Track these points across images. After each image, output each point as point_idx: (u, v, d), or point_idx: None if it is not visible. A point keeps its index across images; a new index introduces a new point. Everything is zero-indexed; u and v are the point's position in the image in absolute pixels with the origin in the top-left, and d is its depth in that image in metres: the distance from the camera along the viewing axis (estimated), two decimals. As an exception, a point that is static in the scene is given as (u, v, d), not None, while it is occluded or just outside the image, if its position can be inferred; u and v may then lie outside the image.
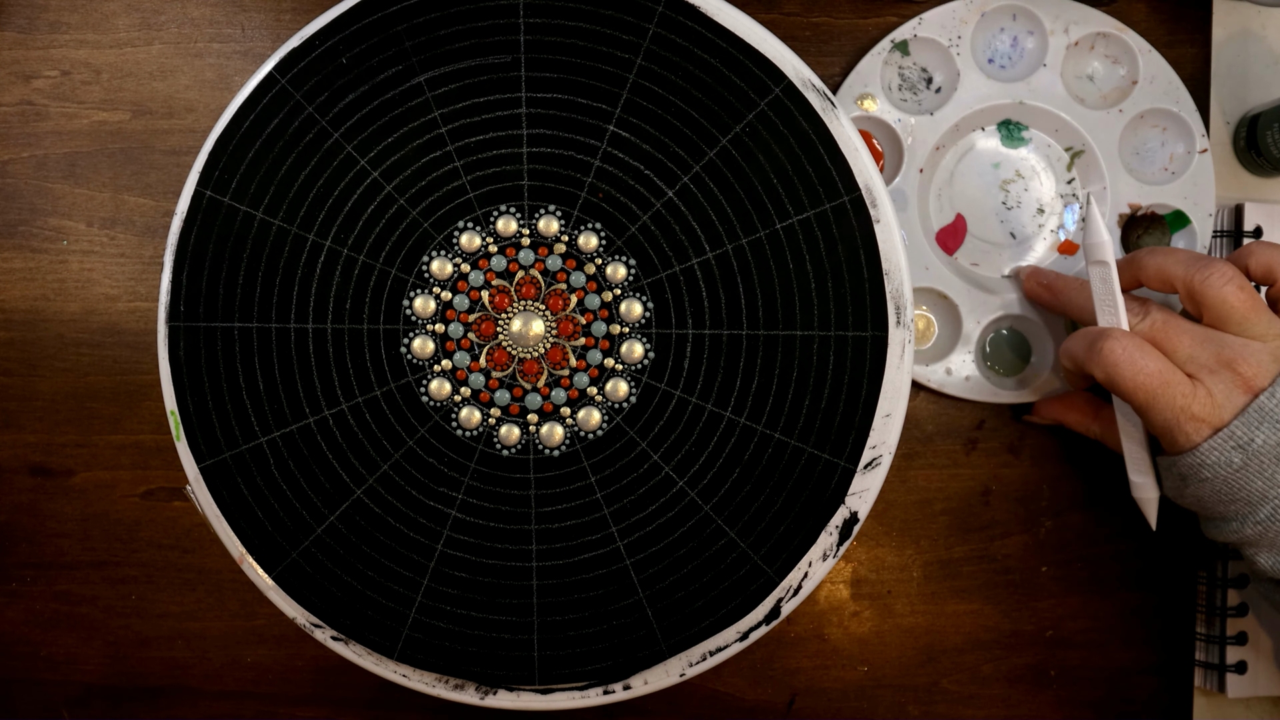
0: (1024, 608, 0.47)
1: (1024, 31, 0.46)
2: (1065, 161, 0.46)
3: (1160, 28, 0.47)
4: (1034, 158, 0.46)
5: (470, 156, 0.39)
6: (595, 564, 0.39)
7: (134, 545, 0.46)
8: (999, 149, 0.46)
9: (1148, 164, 0.47)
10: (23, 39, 0.46)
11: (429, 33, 0.39)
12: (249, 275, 0.39)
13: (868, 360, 0.39)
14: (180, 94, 0.46)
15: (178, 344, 0.39)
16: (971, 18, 0.45)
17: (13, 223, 0.46)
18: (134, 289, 0.46)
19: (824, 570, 0.39)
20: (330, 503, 0.39)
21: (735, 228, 0.39)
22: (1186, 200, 0.46)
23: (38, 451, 0.46)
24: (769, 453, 0.39)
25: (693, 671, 0.39)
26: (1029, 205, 0.46)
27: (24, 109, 0.46)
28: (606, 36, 0.39)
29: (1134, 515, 0.47)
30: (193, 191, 0.39)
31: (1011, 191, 0.46)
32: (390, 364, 0.39)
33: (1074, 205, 0.46)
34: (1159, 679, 0.47)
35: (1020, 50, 0.46)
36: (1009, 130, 0.46)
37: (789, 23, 0.46)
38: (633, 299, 0.39)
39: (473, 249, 0.39)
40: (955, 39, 0.45)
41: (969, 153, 0.46)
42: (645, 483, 0.39)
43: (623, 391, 0.39)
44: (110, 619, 0.47)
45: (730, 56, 0.39)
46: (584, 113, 0.39)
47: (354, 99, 0.39)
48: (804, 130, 0.39)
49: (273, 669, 0.47)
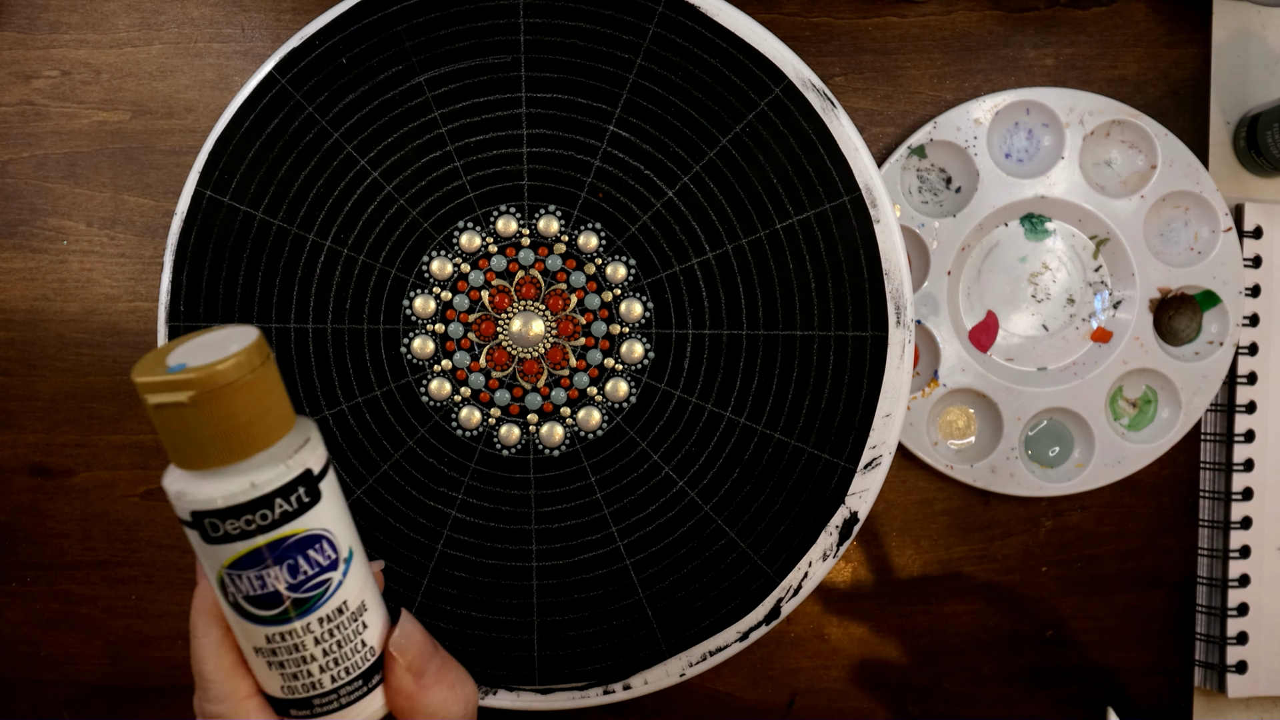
0: (1024, 608, 0.47)
1: (1039, 125, 0.46)
2: (1091, 250, 0.46)
3: (1160, 28, 0.47)
4: (1060, 248, 0.46)
5: (470, 156, 0.39)
6: (595, 564, 0.39)
7: (134, 545, 0.46)
8: (1024, 242, 0.46)
9: (1173, 245, 0.47)
10: (23, 39, 0.46)
11: (429, 33, 0.39)
12: (249, 275, 0.39)
13: (868, 360, 0.39)
14: (180, 94, 0.46)
15: (178, 344, 0.39)
16: (986, 116, 0.45)
17: (13, 223, 0.46)
18: (134, 289, 0.46)
19: (824, 570, 0.39)
20: (330, 503, 0.39)
21: (735, 228, 0.39)
22: (1215, 279, 0.46)
23: (38, 451, 0.46)
24: (769, 453, 0.39)
25: (693, 671, 0.39)
26: (1059, 296, 0.46)
27: (24, 109, 0.46)
28: (606, 36, 0.39)
29: (1134, 515, 0.47)
30: (193, 191, 0.39)
31: (1040, 284, 0.46)
32: (390, 364, 0.39)
33: (1104, 292, 0.46)
34: (1159, 679, 0.47)
35: (1037, 144, 0.46)
36: (1032, 224, 0.46)
37: (789, 23, 0.46)
38: (633, 299, 0.39)
39: (473, 249, 0.39)
40: (971, 139, 0.45)
41: (994, 249, 0.46)
42: (645, 483, 0.39)
43: (623, 391, 0.39)
44: (110, 619, 0.47)
45: (730, 56, 0.39)
46: (584, 113, 0.39)
47: (354, 99, 0.39)
48: (804, 130, 0.39)
49: (273, 669, 0.47)
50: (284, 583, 0.26)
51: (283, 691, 0.28)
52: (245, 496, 0.25)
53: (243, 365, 0.24)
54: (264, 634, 0.27)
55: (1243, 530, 0.47)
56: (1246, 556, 0.47)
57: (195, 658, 0.29)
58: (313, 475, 0.26)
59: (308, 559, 0.26)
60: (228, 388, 0.24)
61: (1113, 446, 0.46)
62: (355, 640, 0.28)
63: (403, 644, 0.29)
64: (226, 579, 0.26)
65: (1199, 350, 0.46)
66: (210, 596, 0.28)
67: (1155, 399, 0.47)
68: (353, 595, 0.28)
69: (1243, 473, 0.47)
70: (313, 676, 0.28)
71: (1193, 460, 0.47)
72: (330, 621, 0.27)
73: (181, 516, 0.26)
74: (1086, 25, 0.47)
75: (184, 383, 0.24)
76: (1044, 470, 0.46)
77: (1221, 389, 0.47)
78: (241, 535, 0.25)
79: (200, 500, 0.25)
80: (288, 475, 0.25)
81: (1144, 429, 0.47)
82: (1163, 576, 0.47)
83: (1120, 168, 0.47)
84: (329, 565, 0.27)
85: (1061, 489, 0.46)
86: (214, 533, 0.25)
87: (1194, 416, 0.46)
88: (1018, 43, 0.46)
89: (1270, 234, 0.47)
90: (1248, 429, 0.47)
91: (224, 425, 0.24)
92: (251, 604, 0.26)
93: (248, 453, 0.25)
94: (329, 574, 0.27)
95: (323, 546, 0.27)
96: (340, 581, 0.27)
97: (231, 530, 0.25)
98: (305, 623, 0.27)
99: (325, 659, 0.28)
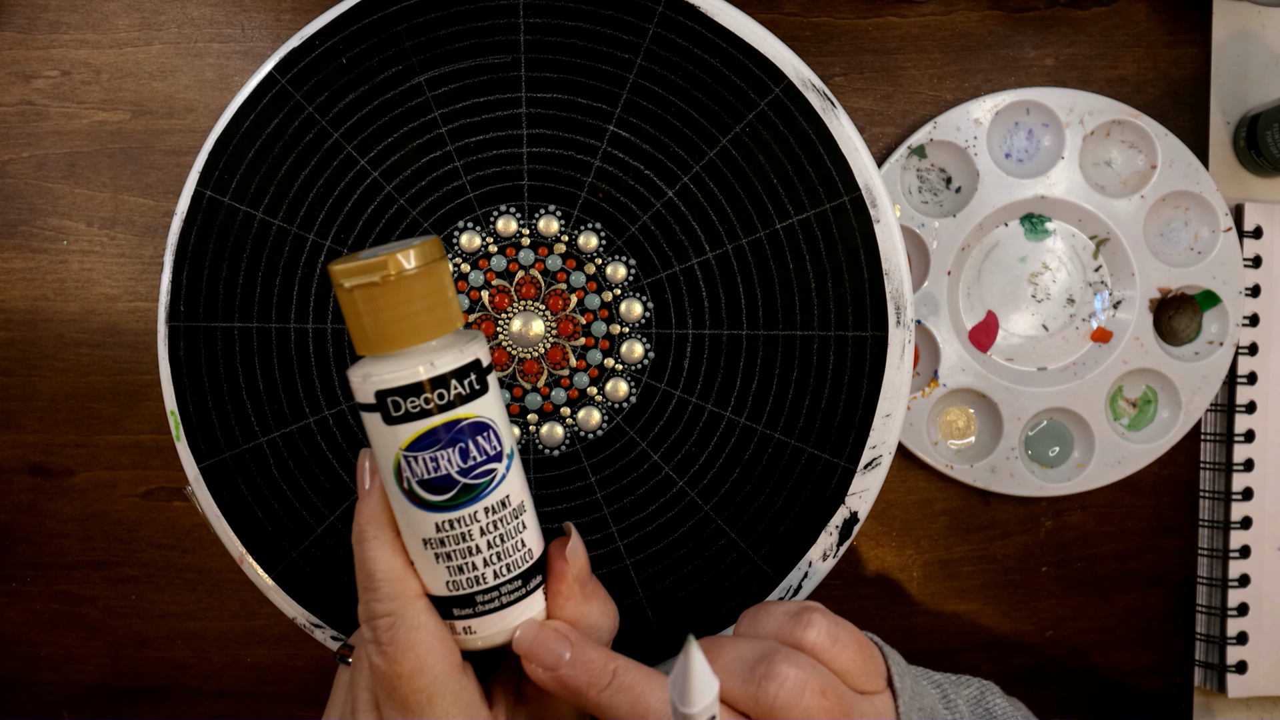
0: (1024, 608, 0.47)
1: (1039, 125, 0.46)
2: (1091, 250, 0.46)
3: (1160, 28, 0.47)
4: (1060, 248, 0.46)
5: (470, 156, 0.39)
6: (595, 564, 0.39)
7: (134, 545, 0.46)
8: (1024, 242, 0.46)
9: (1173, 245, 0.47)
10: (23, 39, 0.46)
11: (429, 33, 0.39)
12: (249, 275, 0.39)
13: (868, 360, 0.39)
14: (180, 94, 0.46)
15: (178, 344, 0.39)
16: (986, 116, 0.45)
17: (13, 223, 0.46)
18: (134, 289, 0.46)
19: (824, 570, 0.39)
20: (330, 503, 0.39)
21: (735, 228, 0.39)
22: (1215, 279, 0.46)
23: (38, 451, 0.46)
24: (769, 453, 0.39)
25: (693, 671, 0.39)
26: (1059, 296, 0.46)
27: (24, 109, 0.46)
28: (606, 36, 0.39)
29: (1134, 515, 0.47)
30: (193, 191, 0.39)
31: (1040, 284, 0.46)
32: (390, 364, 0.39)
33: (1104, 292, 0.46)
34: (1159, 679, 0.47)
35: (1037, 144, 0.46)
36: (1032, 224, 0.46)
37: (789, 23, 0.46)
38: (633, 299, 0.39)
39: (473, 249, 0.39)
40: (971, 139, 0.45)
41: (994, 249, 0.46)
42: (645, 483, 0.39)
43: (622, 391, 0.39)
44: (110, 619, 0.47)
45: (730, 56, 0.39)
46: (584, 113, 0.39)
47: (354, 99, 0.39)
48: (804, 130, 0.39)
49: (273, 669, 0.47)
50: (455, 466, 0.29)
51: (448, 588, 0.30)
52: (426, 374, 0.28)
53: (425, 253, 0.28)
54: (434, 522, 0.29)
55: (1243, 530, 0.47)
56: (1246, 556, 0.47)
57: (364, 558, 0.30)
58: (482, 365, 0.29)
59: (477, 445, 0.29)
60: (412, 272, 0.28)
61: (1113, 446, 0.46)
62: (516, 538, 0.30)
63: (576, 551, 0.31)
64: (403, 461, 0.29)
65: (1199, 350, 0.46)
66: (377, 504, 0.30)
67: (1155, 399, 0.47)
68: (514, 491, 0.30)
69: (1243, 473, 0.47)
70: (477, 570, 0.30)
71: (1193, 460, 0.47)
72: (495, 513, 0.30)
73: (364, 400, 0.29)
74: (1086, 25, 0.47)
75: (376, 265, 0.27)
76: (1044, 470, 0.46)
77: (1221, 389, 0.47)
78: (421, 414, 0.28)
79: (385, 379, 0.28)
80: (462, 360, 0.29)
81: (1144, 429, 0.47)
82: (1163, 576, 0.47)
83: (1120, 168, 0.47)
84: (494, 455, 0.29)
85: (1061, 489, 0.46)
86: (395, 411, 0.28)
87: (1194, 416, 0.46)
88: (1018, 43, 0.46)
89: (1270, 234, 0.47)
90: (1248, 429, 0.47)
91: (407, 308, 0.28)
92: (424, 488, 0.29)
93: (426, 337, 0.28)
94: (494, 464, 0.29)
95: (490, 435, 0.29)
96: (504, 474, 0.30)
97: (411, 409, 0.28)
98: (472, 510, 0.29)
99: (489, 551, 0.30)
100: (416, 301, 0.28)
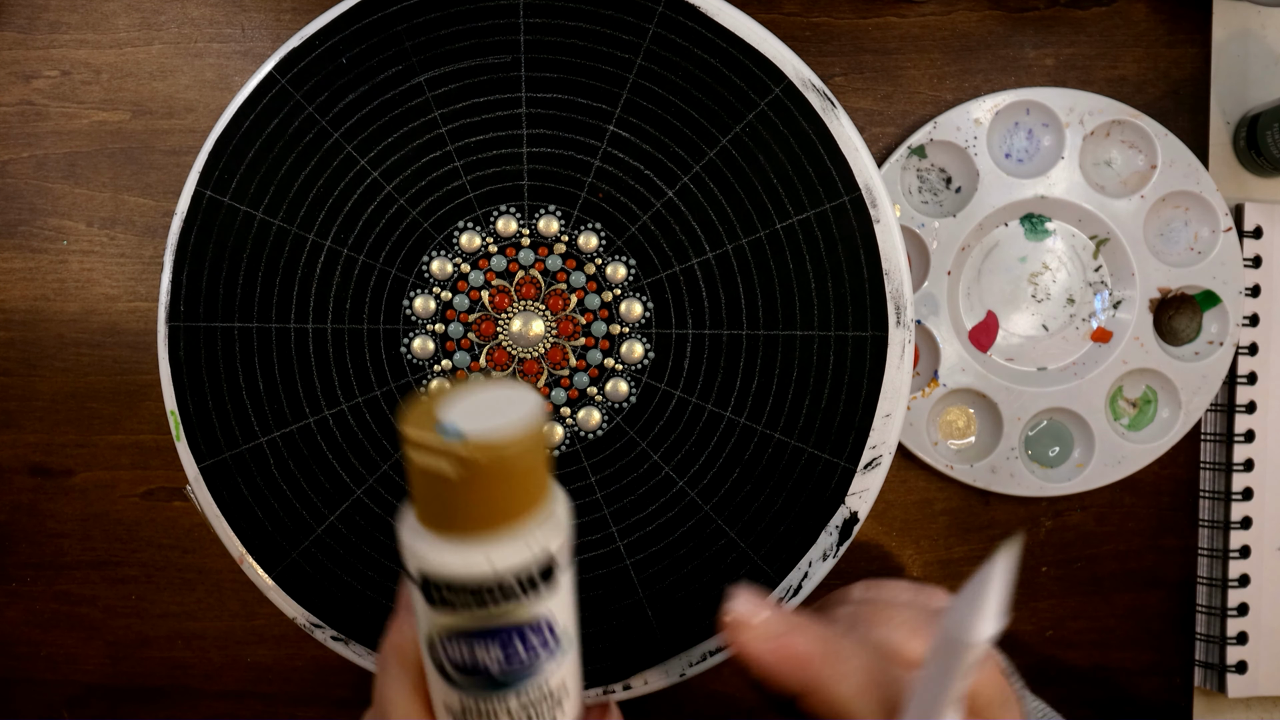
0: (1024, 608, 0.47)
1: (1039, 125, 0.46)
2: (1091, 250, 0.46)
3: (1160, 28, 0.47)
4: (1060, 248, 0.46)
5: (470, 156, 0.39)
6: (595, 564, 0.39)
7: (134, 545, 0.46)
8: (1024, 242, 0.46)
9: (1173, 245, 0.47)
10: (23, 39, 0.46)
11: (429, 33, 0.39)
12: (249, 275, 0.39)
13: (868, 360, 0.39)
14: (180, 94, 0.46)
15: (178, 344, 0.39)
16: (986, 116, 0.45)
17: (13, 223, 0.46)
18: (134, 289, 0.46)
19: (824, 570, 0.39)
20: (330, 503, 0.39)
21: (735, 228, 0.39)
22: (1215, 279, 0.46)
23: (38, 451, 0.46)
24: (769, 453, 0.39)
25: (693, 671, 0.39)
26: (1059, 296, 0.46)
27: (24, 109, 0.46)
28: (606, 36, 0.39)
29: (1133, 515, 0.47)
30: (193, 191, 0.39)
31: (1040, 284, 0.46)
32: (390, 364, 0.39)
33: (1103, 292, 0.46)
34: (1159, 679, 0.47)
35: (1037, 144, 0.46)
36: (1032, 224, 0.46)
37: (789, 23, 0.46)
38: (633, 299, 0.39)
39: (473, 249, 0.39)
40: (971, 139, 0.45)
41: (994, 249, 0.46)
42: (645, 483, 0.39)
43: (623, 391, 0.39)
44: (110, 619, 0.47)
45: (730, 56, 0.39)
46: (584, 113, 0.39)
47: (354, 99, 0.39)
48: (804, 130, 0.39)
49: (273, 669, 0.47)
50: (495, 662, 0.25)
51: None
52: (480, 575, 0.23)
53: (522, 445, 0.22)
54: (459, 699, 0.26)
55: (1243, 530, 0.47)
56: (1246, 556, 0.47)
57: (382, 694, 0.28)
58: (551, 558, 0.24)
59: (525, 642, 0.25)
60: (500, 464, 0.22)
61: (1113, 446, 0.46)
62: None
63: None
64: (437, 642, 0.25)
65: (1199, 350, 0.46)
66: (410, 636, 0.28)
67: (1155, 399, 0.47)
68: (557, 679, 0.26)
69: (1243, 473, 0.47)
70: None
71: (1193, 460, 0.47)
72: (531, 706, 0.26)
73: (409, 572, 0.24)
74: (1086, 25, 0.47)
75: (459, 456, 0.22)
76: (1044, 470, 0.46)
77: (1221, 389, 0.47)
78: (465, 608, 0.24)
79: (434, 567, 0.23)
80: (527, 554, 0.24)
81: (1144, 429, 0.47)
82: (1163, 576, 0.47)
83: (1120, 168, 0.47)
84: (543, 649, 0.25)
85: (1061, 489, 0.46)
86: (437, 597, 0.24)
87: (1194, 416, 0.46)
88: (1018, 43, 0.46)
89: (1270, 234, 0.47)
90: (1248, 429, 0.47)
91: (482, 497, 0.23)
92: (456, 670, 0.25)
93: (494, 526, 0.23)
94: (540, 659, 0.25)
95: (543, 632, 0.25)
96: (550, 666, 0.26)
97: (457, 602, 0.24)
98: (504, 700, 0.26)
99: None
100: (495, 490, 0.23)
